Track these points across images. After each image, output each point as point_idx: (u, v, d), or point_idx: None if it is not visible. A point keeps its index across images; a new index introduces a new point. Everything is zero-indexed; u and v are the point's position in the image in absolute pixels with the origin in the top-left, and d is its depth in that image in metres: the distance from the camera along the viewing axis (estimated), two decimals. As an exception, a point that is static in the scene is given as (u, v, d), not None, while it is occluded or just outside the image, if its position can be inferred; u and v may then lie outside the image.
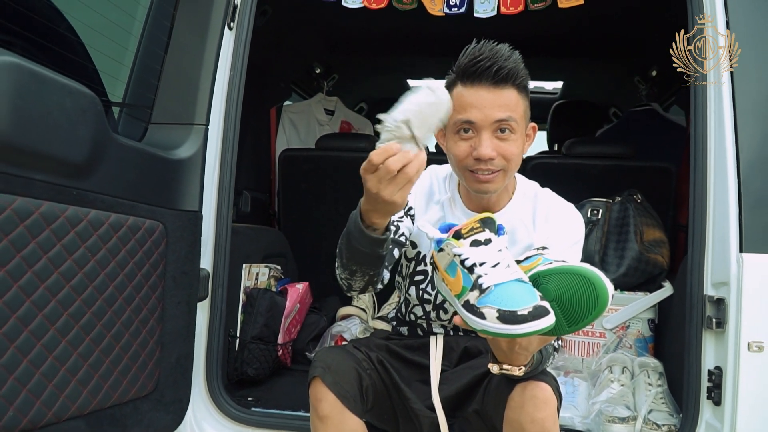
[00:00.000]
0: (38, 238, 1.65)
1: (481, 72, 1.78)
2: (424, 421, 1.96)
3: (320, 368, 1.88)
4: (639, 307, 2.87)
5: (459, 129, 1.84)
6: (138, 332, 2.02)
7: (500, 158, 1.82)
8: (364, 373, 1.93)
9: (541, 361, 1.73)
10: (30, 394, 1.65)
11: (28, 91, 1.57)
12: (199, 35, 2.39)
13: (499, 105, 1.80)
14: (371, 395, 1.95)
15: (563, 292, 1.53)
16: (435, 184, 2.08)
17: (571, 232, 1.98)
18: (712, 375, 2.16)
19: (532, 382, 1.73)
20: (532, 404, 1.70)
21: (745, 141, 2.19)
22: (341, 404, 1.85)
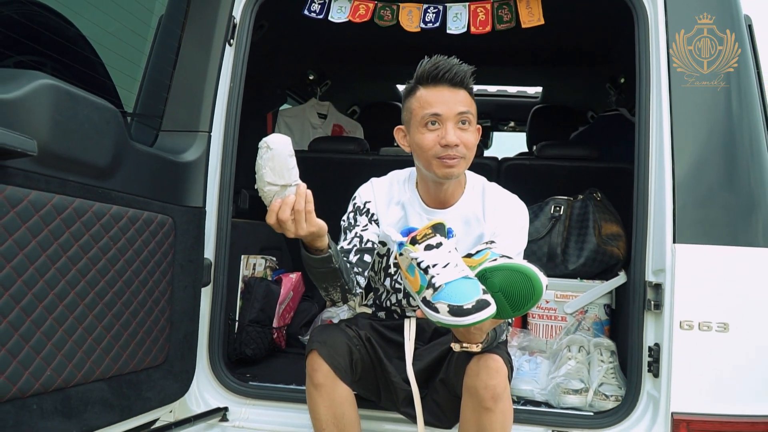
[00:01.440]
0: (71, 228, 1.87)
1: (442, 75, 2.07)
2: (400, 393, 2.16)
3: (317, 342, 2.08)
4: (596, 293, 3.06)
5: (426, 122, 2.09)
6: (151, 311, 2.21)
7: (462, 146, 2.07)
8: (354, 348, 2.12)
9: (495, 337, 1.93)
10: (63, 358, 1.87)
11: (65, 107, 1.80)
12: (203, 52, 2.56)
13: (459, 101, 2.08)
14: (359, 368, 2.13)
15: (507, 285, 1.75)
16: (395, 187, 2.30)
17: (516, 220, 2.20)
18: (652, 351, 2.34)
19: (486, 354, 1.93)
20: (486, 373, 1.91)
21: (680, 147, 2.35)
22: (334, 374, 2.06)
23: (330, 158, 3.88)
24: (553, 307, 3.11)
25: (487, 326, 1.85)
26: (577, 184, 3.42)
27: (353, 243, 2.22)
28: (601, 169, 3.62)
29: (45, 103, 1.74)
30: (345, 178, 3.72)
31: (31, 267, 1.76)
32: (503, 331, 2.06)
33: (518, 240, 2.18)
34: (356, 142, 3.96)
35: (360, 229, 2.24)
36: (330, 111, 4.83)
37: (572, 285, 3.13)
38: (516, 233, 2.18)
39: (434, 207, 2.23)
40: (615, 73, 4.39)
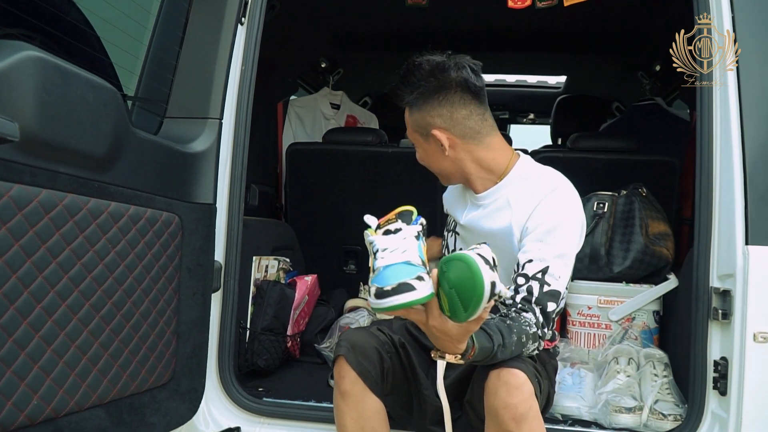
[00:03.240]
0: (62, 229, 1.68)
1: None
2: (429, 408, 2.02)
3: (345, 347, 1.97)
4: (644, 299, 2.89)
5: None
6: (155, 322, 2.05)
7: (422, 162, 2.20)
8: (386, 356, 2.00)
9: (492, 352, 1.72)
10: (53, 383, 1.68)
11: (53, 85, 1.60)
12: (212, 30, 2.40)
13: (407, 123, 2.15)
14: (391, 378, 2.00)
15: (455, 278, 1.58)
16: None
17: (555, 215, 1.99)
18: (718, 365, 2.17)
19: (504, 369, 1.75)
20: (505, 390, 1.74)
21: (751, 135, 2.19)
22: (362, 383, 1.94)
23: (346, 150, 3.71)
24: (595, 314, 2.94)
25: (456, 332, 1.63)
26: (614, 179, 3.24)
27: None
28: (640, 161, 3.45)
29: (29, 78, 1.54)
30: (363, 172, 3.67)
31: (13, 276, 1.56)
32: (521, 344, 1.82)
33: (558, 240, 1.96)
34: (374, 134, 3.78)
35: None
36: (343, 101, 4.69)
37: (617, 289, 2.95)
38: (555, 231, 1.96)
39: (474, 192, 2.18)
40: (649, 60, 4.21)
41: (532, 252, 1.92)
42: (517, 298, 1.89)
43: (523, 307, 1.88)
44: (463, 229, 2.18)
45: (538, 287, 1.88)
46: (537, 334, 1.84)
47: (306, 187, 3.79)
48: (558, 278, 1.91)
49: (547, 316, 1.88)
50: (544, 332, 1.88)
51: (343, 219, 3.61)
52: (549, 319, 1.89)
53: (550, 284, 1.89)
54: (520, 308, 1.88)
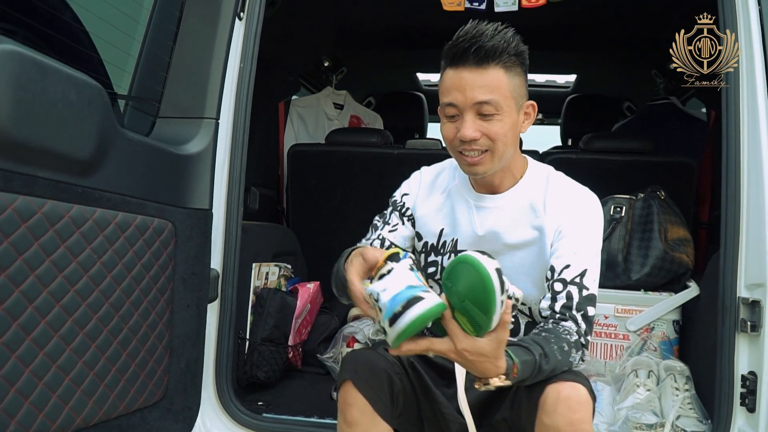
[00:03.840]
0: (41, 239, 1.58)
1: (462, 53, 1.78)
2: (453, 426, 1.90)
3: (351, 371, 1.84)
4: (664, 308, 2.81)
5: (446, 112, 1.84)
6: (146, 337, 1.96)
7: (485, 138, 1.81)
8: (395, 377, 1.88)
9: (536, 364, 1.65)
10: (32, 407, 1.57)
11: (31, 81, 1.50)
12: (209, 25, 2.32)
13: (481, 86, 1.78)
14: (401, 401, 1.90)
15: (462, 286, 1.52)
16: (444, 174, 2.09)
17: (586, 217, 1.93)
18: (746, 380, 2.10)
19: (564, 383, 1.67)
20: (566, 406, 1.65)
21: None
22: (372, 409, 1.81)
23: (350, 152, 3.64)
24: (612, 323, 2.85)
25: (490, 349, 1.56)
26: (629, 181, 3.17)
27: (373, 245, 2.08)
28: (656, 163, 3.37)
29: (3, 74, 1.44)
30: (367, 174, 3.59)
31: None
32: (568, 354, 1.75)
33: (591, 242, 1.91)
34: (379, 134, 3.73)
35: (387, 230, 2.08)
36: (347, 101, 4.65)
37: (635, 298, 2.86)
38: (588, 233, 1.91)
39: (485, 192, 1.99)
40: (663, 58, 4.06)
41: (568, 256, 1.85)
42: (556, 306, 1.81)
43: (563, 316, 1.80)
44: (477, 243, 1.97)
45: (578, 292, 1.82)
46: (580, 342, 1.78)
47: (308, 189, 3.72)
48: (594, 281, 1.86)
49: (589, 321, 1.82)
50: (587, 340, 1.81)
51: (347, 223, 3.50)
52: (591, 325, 1.82)
53: (589, 288, 1.83)
54: (559, 318, 1.80)
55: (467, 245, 1.96)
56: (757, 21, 2.21)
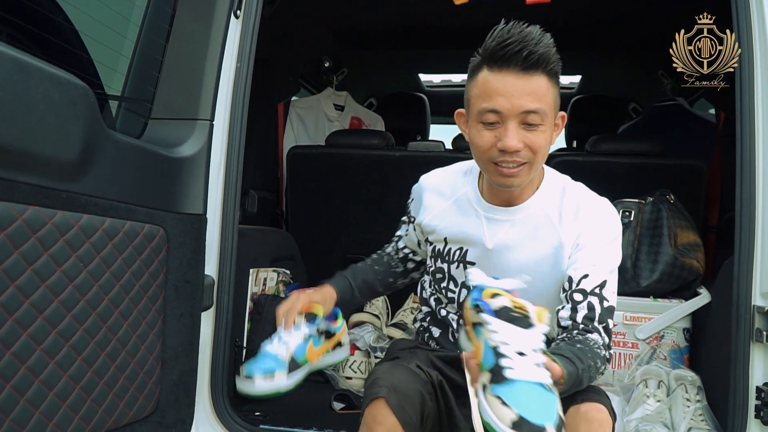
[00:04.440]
0: (22, 247, 1.50)
1: (509, 57, 1.68)
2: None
3: (385, 388, 1.73)
4: (674, 315, 2.75)
5: (484, 118, 1.74)
6: (136, 349, 1.89)
7: (527, 150, 1.73)
8: (427, 397, 1.80)
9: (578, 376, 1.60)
10: (14, 424, 1.49)
11: (10, 81, 1.42)
12: (203, 23, 2.25)
13: (528, 93, 1.70)
14: (430, 422, 1.82)
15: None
16: (451, 179, 2.03)
17: (605, 228, 1.88)
18: (761, 392, 2.06)
19: (586, 403, 1.66)
20: (587, 426, 1.64)
21: None
22: (402, 430, 1.72)
23: (351, 154, 3.58)
24: (621, 332, 2.78)
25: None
26: (637, 184, 3.14)
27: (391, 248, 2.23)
28: (665, 166, 3.30)
29: None
30: (368, 177, 3.54)
31: None
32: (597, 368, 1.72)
33: (610, 254, 1.86)
34: (380, 136, 3.66)
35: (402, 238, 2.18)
36: (348, 102, 4.59)
37: (644, 305, 2.81)
38: (606, 244, 1.86)
39: (497, 204, 1.92)
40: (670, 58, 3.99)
41: (586, 267, 1.80)
42: (577, 317, 1.76)
43: (586, 327, 1.76)
44: (486, 257, 1.91)
45: (599, 303, 1.77)
46: (605, 357, 1.74)
47: (308, 192, 3.67)
48: (613, 293, 1.82)
49: (610, 334, 1.78)
50: (611, 354, 1.78)
51: (348, 227, 3.52)
52: (611, 338, 1.79)
53: (608, 299, 1.79)
54: (583, 329, 1.75)
55: (476, 258, 1.90)
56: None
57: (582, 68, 5.02)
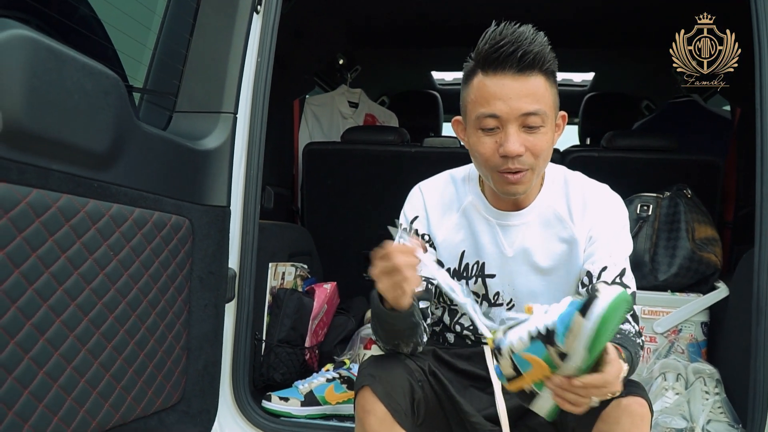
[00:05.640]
0: (56, 235, 1.52)
1: (504, 58, 1.65)
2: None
3: (369, 376, 1.75)
4: (692, 309, 2.74)
5: (483, 125, 1.70)
6: (163, 338, 1.90)
7: (528, 154, 1.69)
8: (416, 385, 1.80)
9: (632, 359, 1.61)
10: (47, 410, 1.52)
11: (45, 69, 1.44)
12: (227, 18, 2.26)
13: (526, 95, 1.66)
14: (423, 409, 1.82)
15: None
16: (451, 189, 1.96)
17: (614, 217, 1.87)
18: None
19: (630, 397, 1.64)
20: (630, 420, 1.61)
21: None
22: (391, 418, 1.72)
23: (366, 150, 3.58)
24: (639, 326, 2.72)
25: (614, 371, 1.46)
26: (653, 180, 3.10)
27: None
28: (681, 161, 3.30)
29: (16, 60, 1.37)
30: (384, 173, 3.55)
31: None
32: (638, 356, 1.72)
33: (623, 241, 1.86)
34: (396, 132, 3.66)
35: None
36: (362, 99, 4.58)
37: (662, 299, 2.80)
38: (616, 234, 1.86)
39: (505, 209, 1.87)
40: None
41: (604, 259, 1.79)
42: None
43: None
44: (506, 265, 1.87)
45: None
46: (640, 344, 1.74)
47: (323, 189, 3.69)
48: (632, 279, 1.82)
49: (638, 320, 1.79)
50: (642, 341, 1.77)
51: (363, 223, 3.48)
52: (639, 324, 1.79)
53: (630, 286, 1.79)
54: None
55: (495, 268, 1.86)
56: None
57: (595, 65, 5.02)
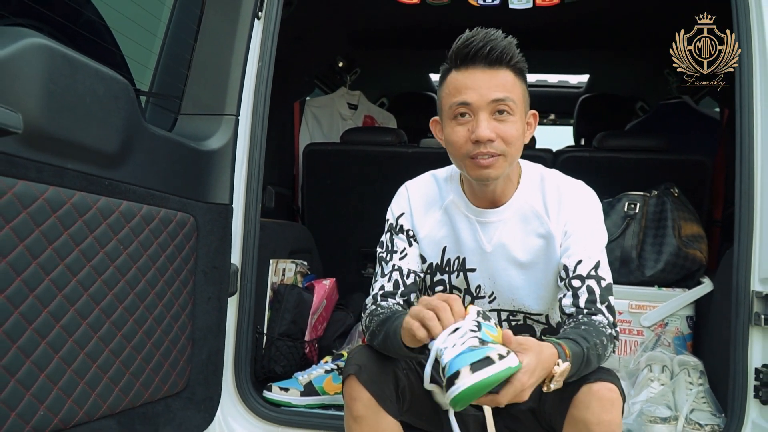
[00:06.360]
0: (70, 229, 1.60)
1: (474, 53, 1.75)
2: (469, 419, 1.90)
3: (354, 366, 1.82)
4: (678, 303, 2.79)
5: (455, 113, 1.78)
6: (170, 328, 1.97)
7: (500, 141, 1.76)
8: (401, 373, 1.86)
9: (584, 356, 1.65)
10: (61, 393, 1.60)
11: (60, 75, 1.52)
12: (229, 24, 2.33)
13: (495, 85, 1.75)
14: (408, 396, 1.89)
15: None
16: (434, 188, 2.02)
17: (588, 212, 1.93)
18: (760, 373, 2.11)
19: (599, 382, 1.69)
20: (599, 405, 1.66)
21: None
22: (377, 404, 1.80)
23: (365, 151, 3.64)
24: (627, 319, 2.83)
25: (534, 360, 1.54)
26: (643, 179, 3.17)
27: (394, 279, 1.97)
28: (670, 161, 3.36)
29: (34, 67, 1.45)
30: (382, 173, 3.60)
31: (17, 279, 1.48)
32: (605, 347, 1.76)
33: (597, 234, 1.92)
34: (393, 133, 3.71)
35: (398, 257, 1.98)
36: (361, 101, 4.62)
37: (649, 294, 2.85)
38: (592, 226, 1.92)
39: (484, 207, 1.94)
40: None
41: (579, 253, 1.85)
42: (580, 303, 1.81)
43: (590, 310, 1.81)
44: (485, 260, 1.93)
45: (596, 285, 1.82)
46: (612, 335, 1.79)
47: (323, 188, 3.73)
48: (607, 270, 1.87)
49: (613, 311, 1.84)
50: (617, 331, 1.82)
51: (362, 221, 3.50)
52: (615, 315, 1.84)
53: (605, 278, 1.85)
54: (587, 312, 1.81)
55: (476, 263, 1.92)
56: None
57: (590, 67, 5.06)
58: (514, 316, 1.97)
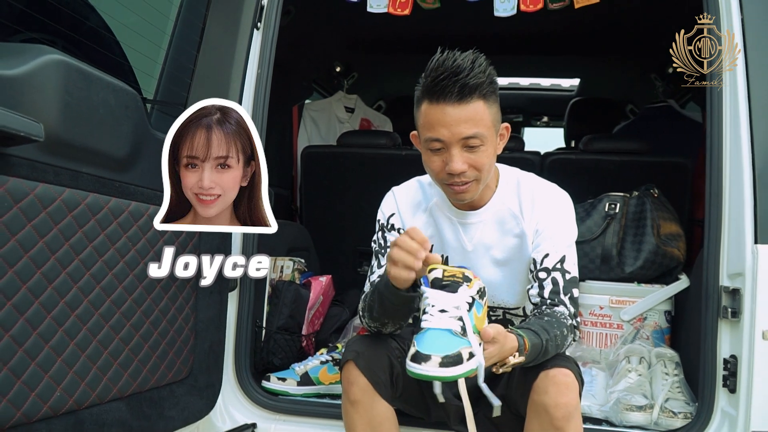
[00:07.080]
0: (84, 227, 1.69)
1: (443, 90, 1.77)
2: (451, 409, 1.98)
3: (353, 353, 1.90)
4: (656, 299, 2.86)
5: (430, 146, 1.85)
6: (174, 319, 2.04)
7: (471, 169, 1.84)
8: (395, 361, 1.94)
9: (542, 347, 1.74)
10: (75, 376, 1.69)
11: (76, 87, 1.62)
12: (230, 35, 2.39)
13: (465, 120, 1.78)
14: (401, 383, 1.96)
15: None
16: (419, 192, 2.11)
17: (558, 211, 2.01)
18: (728, 363, 2.16)
19: (555, 368, 1.77)
20: (556, 389, 1.75)
21: (761, 135, 2.18)
22: (372, 389, 1.88)
23: (360, 153, 3.69)
24: (607, 314, 2.92)
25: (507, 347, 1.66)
26: (626, 180, 3.23)
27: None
28: (652, 163, 3.43)
29: (53, 81, 1.57)
30: (376, 175, 3.59)
31: (37, 272, 1.58)
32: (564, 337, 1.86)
33: (565, 232, 2.01)
34: (388, 136, 3.76)
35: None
36: (357, 104, 4.66)
37: (629, 289, 2.93)
38: (561, 224, 2.02)
39: (464, 209, 2.03)
40: (662, 62, 4.16)
41: (546, 247, 1.95)
42: (544, 294, 1.91)
43: (553, 301, 1.90)
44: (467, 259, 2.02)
45: (561, 277, 1.92)
46: (572, 325, 1.87)
47: (321, 189, 3.78)
48: (573, 265, 1.96)
49: (576, 303, 1.92)
50: (578, 321, 1.91)
51: (357, 221, 3.47)
52: (577, 306, 1.93)
53: (570, 271, 1.94)
54: (551, 303, 1.90)
55: (458, 261, 2.00)
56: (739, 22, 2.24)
57: (581, 72, 5.09)
58: (494, 312, 2.07)
